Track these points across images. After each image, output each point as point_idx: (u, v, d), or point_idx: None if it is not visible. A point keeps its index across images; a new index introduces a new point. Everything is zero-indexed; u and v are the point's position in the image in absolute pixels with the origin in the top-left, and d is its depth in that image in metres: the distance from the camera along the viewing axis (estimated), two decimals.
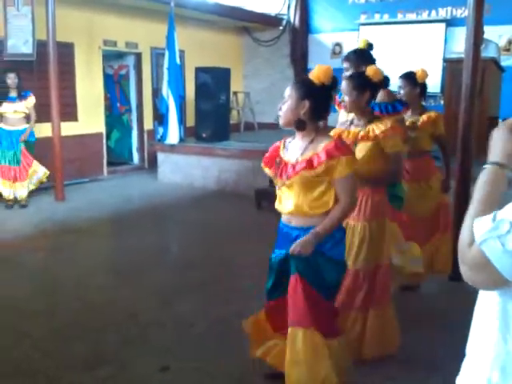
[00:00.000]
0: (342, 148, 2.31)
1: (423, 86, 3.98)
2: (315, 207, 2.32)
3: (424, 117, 3.93)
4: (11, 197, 6.86)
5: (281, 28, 11.52)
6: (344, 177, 2.29)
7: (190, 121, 9.75)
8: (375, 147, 2.90)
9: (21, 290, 4.19)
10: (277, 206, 2.50)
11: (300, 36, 11.19)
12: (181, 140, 8.70)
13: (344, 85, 2.92)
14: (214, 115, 8.56)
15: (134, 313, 3.73)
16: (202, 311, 3.74)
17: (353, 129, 3.01)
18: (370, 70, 2.91)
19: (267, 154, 2.54)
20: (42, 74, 7.52)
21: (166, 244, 5.87)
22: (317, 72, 2.31)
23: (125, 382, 2.86)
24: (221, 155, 8.18)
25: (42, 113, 7.60)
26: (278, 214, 2.58)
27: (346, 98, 2.92)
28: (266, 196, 6.81)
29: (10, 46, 7.43)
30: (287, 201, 2.41)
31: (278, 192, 2.50)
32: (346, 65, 3.44)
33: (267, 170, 2.50)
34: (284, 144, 2.52)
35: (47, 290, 4.25)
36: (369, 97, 2.92)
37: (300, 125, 2.34)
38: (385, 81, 3.09)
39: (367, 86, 2.90)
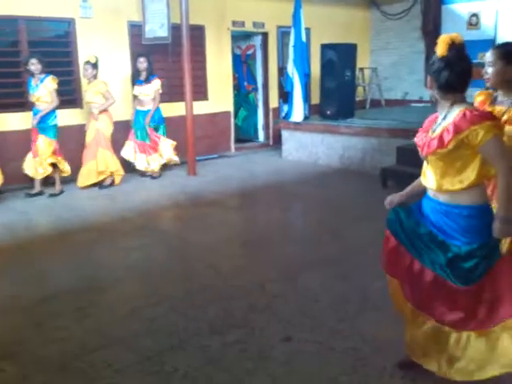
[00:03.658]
0: (472, 117, 2.09)
1: None
2: (457, 183, 2.17)
3: None
4: (144, 168, 7.54)
5: None
6: (484, 144, 2.07)
7: (315, 98, 9.78)
8: None
9: (159, 255, 4.57)
10: (422, 180, 2.40)
11: (433, 7, 10.61)
12: (305, 118, 8.77)
13: (489, 54, 2.62)
14: (338, 92, 8.47)
15: (261, 283, 3.89)
16: (325, 287, 3.80)
17: (497, 108, 2.66)
18: None
19: (425, 125, 2.40)
20: (176, 55, 7.97)
21: (290, 219, 6.00)
22: None
23: (251, 348, 2.99)
24: (345, 133, 8.09)
25: (175, 93, 8.09)
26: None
27: (490, 70, 2.62)
28: (392, 175, 6.66)
29: (148, 30, 7.94)
30: (429, 177, 2.30)
31: (424, 165, 2.38)
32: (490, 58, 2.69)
33: (416, 140, 2.38)
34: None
35: (182, 256, 4.58)
36: None
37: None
38: None
39: None
